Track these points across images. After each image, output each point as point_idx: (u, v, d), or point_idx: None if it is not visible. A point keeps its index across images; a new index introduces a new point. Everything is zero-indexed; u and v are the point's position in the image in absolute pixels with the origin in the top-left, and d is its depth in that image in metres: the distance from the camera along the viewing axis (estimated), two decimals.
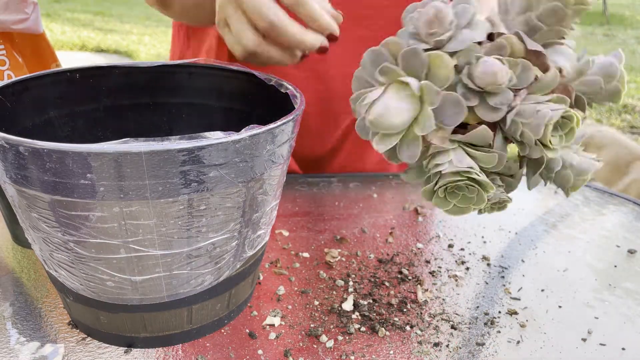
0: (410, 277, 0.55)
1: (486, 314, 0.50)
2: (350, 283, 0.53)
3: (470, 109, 0.36)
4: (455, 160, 0.36)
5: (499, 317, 0.49)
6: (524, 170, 0.41)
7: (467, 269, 0.57)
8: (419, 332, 0.47)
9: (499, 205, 0.41)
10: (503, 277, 0.56)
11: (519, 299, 0.52)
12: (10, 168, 0.34)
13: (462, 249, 0.61)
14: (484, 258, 0.59)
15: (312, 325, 0.47)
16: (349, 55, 0.60)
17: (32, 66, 0.59)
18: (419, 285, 0.53)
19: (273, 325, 0.46)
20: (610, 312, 0.51)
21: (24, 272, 0.53)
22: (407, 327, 0.47)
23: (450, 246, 0.61)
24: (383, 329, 0.46)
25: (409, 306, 0.50)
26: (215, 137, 0.35)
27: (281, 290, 0.51)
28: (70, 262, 0.38)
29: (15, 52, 0.57)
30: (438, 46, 0.36)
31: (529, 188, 0.40)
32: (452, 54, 0.36)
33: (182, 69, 0.54)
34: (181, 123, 0.56)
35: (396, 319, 0.48)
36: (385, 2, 0.72)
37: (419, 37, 0.37)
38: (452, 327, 0.48)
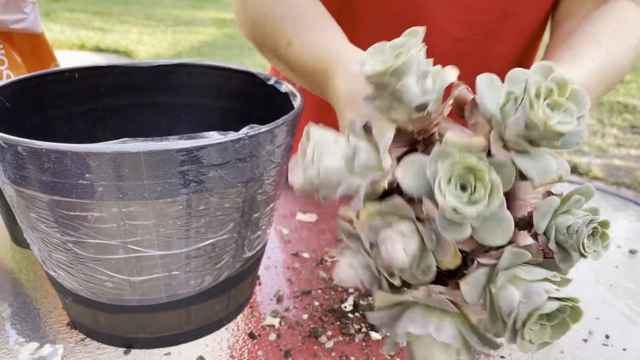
0: None
1: None
2: None
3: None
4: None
5: None
6: None
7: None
8: None
9: None
10: None
11: None
12: (8, 168, 0.34)
13: None
14: None
15: (312, 326, 0.46)
16: None
17: (31, 66, 0.58)
18: None
19: (273, 326, 0.46)
20: (612, 312, 0.51)
21: (23, 272, 0.53)
22: None
23: None
24: (383, 329, 0.46)
25: None
26: (215, 137, 0.35)
27: (281, 290, 0.51)
28: (69, 262, 0.38)
29: (14, 52, 0.57)
30: None
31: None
32: None
33: (182, 68, 0.54)
34: (180, 123, 0.56)
35: None
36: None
37: None
38: None
